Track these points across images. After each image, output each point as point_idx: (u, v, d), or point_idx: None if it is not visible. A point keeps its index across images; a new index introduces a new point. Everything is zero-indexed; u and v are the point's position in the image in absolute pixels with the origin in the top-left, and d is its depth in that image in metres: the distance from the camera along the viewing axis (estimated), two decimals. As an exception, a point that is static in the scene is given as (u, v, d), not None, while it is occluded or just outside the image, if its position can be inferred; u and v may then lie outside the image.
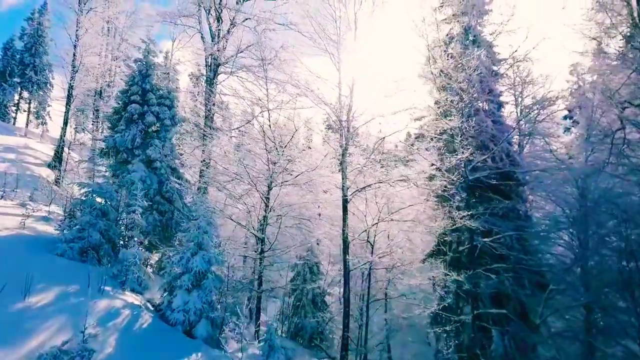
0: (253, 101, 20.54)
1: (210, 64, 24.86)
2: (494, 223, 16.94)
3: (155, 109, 21.01)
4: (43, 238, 16.23)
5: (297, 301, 24.00)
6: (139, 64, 21.78)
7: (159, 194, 20.34)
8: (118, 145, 20.15)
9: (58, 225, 17.60)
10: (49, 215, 20.59)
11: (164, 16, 24.80)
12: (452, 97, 17.66)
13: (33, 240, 15.57)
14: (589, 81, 25.88)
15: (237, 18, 24.71)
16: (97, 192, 16.34)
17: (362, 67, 18.30)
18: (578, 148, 22.93)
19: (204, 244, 14.39)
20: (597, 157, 21.90)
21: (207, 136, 24.36)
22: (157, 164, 20.47)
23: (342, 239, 17.46)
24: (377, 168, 18.45)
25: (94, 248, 15.58)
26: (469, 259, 16.91)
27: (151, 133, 21.29)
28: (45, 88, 52.16)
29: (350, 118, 18.00)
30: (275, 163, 18.48)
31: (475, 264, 16.68)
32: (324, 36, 18.82)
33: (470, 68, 17.87)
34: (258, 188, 18.38)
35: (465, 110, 17.46)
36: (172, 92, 22.15)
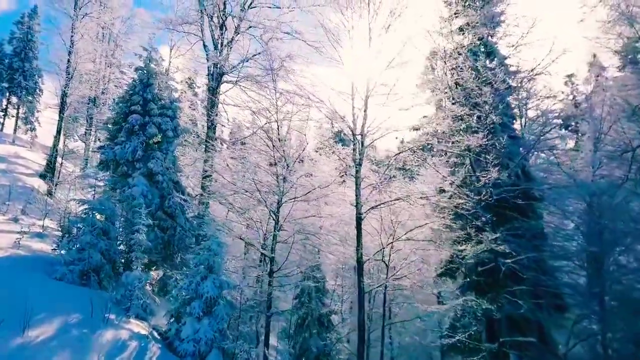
0: (260, 112, 19.63)
1: (213, 72, 23.95)
2: (515, 243, 16.20)
3: (157, 120, 20.05)
4: (39, 258, 15.21)
5: (302, 320, 23.00)
6: (140, 72, 20.83)
7: (161, 210, 19.35)
8: (118, 157, 19.15)
9: (55, 244, 16.57)
10: (43, 231, 19.53)
11: (165, 23, 23.85)
12: (478, 112, 16.94)
13: (29, 261, 14.54)
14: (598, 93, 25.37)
15: (241, 26, 23.85)
16: (97, 209, 15.35)
17: (377, 79, 17.54)
18: (583, 161, 22.45)
19: (214, 267, 13.48)
20: (608, 172, 21.56)
21: (209, 147, 23.46)
22: (159, 178, 19.49)
23: (356, 259, 16.59)
24: (393, 184, 17.62)
25: (94, 270, 14.61)
26: (490, 282, 16.13)
27: (152, 145, 20.32)
28: (34, 93, 50.79)
29: (364, 132, 17.21)
30: (286, 178, 17.59)
31: (497, 286, 15.91)
32: (338, 47, 18.09)
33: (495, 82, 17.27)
34: (268, 205, 17.46)
35: (491, 126, 16.77)
36: (175, 102, 21.21)
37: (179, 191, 20.47)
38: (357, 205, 16.89)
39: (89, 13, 32.17)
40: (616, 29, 20.81)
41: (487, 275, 16.29)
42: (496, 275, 15.87)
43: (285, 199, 17.51)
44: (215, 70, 23.92)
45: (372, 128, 17.38)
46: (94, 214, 15.29)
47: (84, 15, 31.74)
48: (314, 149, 18.55)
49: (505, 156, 18.49)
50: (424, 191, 16.75)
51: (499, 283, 15.82)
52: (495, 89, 18.60)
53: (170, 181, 20.06)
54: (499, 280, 15.68)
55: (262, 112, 19.97)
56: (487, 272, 16.23)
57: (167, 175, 19.94)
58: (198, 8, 24.68)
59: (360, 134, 17.35)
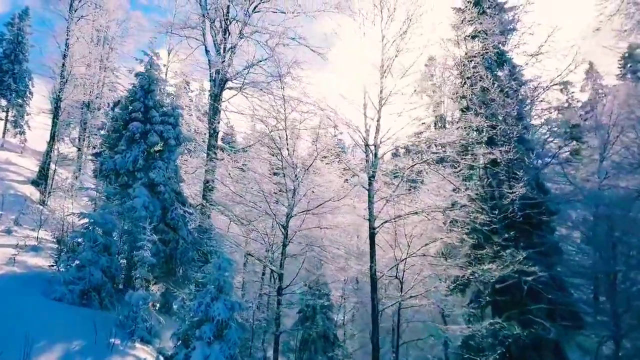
0: (267, 119, 18.92)
1: (215, 78, 23.19)
2: (533, 259, 15.61)
3: (158, 128, 19.23)
4: (36, 276, 14.35)
5: (307, 335, 22.23)
6: (140, 77, 19.99)
7: (163, 222, 18.51)
8: (118, 167, 18.28)
9: (53, 259, 15.72)
10: (38, 244, 18.65)
11: (166, 27, 23.03)
12: (497, 124, 16.39)
13: (25, 280, 13.69)
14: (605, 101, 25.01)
15: (245, 31, 23.14)
16: (98, 223, 14.50)
17: (391, 87, 16.92)
18: (585, 170, 22.03)
19: (225, 287, 12.67)
20: (614, 183, 21.15)
21: (210, 156, 22.68)
22: (161, 188, 18.65)
23: (370, 276, 15.90)
24: (407, 196, 16.98)
25: (95, 288, 13.75)
26: (509, 300, 15.51)
27: (153, 154, 19.51)
28: (24, 96, 49.49)
29: (378, 142, 16.55)
30: (295, 190, 16.88)
31: (517, 305, 15.31)
32: (349, 53, 17.54)
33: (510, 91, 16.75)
34: (277, 219, 16.72)
35: (514, 139, 16.23)
36: (177, 109, 20.40)
37: (181, 202, 19.72)
38: (370, 219, 16.22)
39: (85, 15, 31.24)
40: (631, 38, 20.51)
41: (505, 294, 15.63)
42: (516, 293, 15.25)
43: (295, 211, 16.79)
44: (218, 76, 23.16)
45: (386, 139, 16.77)
46: (95, 229, 14.44)
47: (80, 17, 30.83)
48: (318, 158, 17.73)
49: (519, 168, 18.00)
50: (439, 204, 16.05)
51: (520, 302, 15.19)
52: (510, 99, 18.15)
53: (173, 192, 19.24)
54: (521, 299, 15.05)
55: (268, 120, 19.32)
56: (506, 290, 15.58)
57: (169, 185, 19.12)
58: (200, 12, 23.95)
59: (374, 144, 16.70)
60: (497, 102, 16.64)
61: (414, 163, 16.43)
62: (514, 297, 15.43)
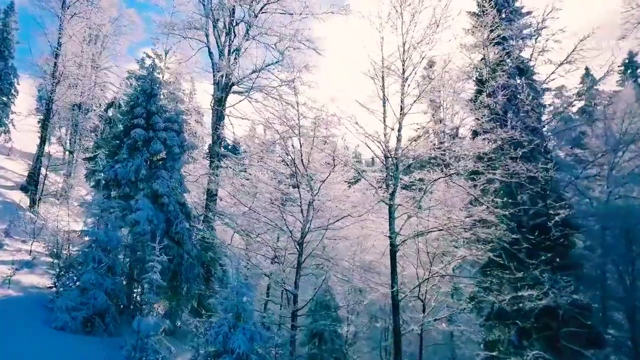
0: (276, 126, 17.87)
1: (219, 82, 22.04)
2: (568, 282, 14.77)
3: (162, 135, 18.05)
4: (33, 299, 13.21)
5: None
6: (142, 81, 18.79)
7: (167, 236, 17.29)
8: (119, 177, 17.06)
9: (50, 278, 14.52)
10: (32, 259, 17.39)
11: (168, 27, 21.76)
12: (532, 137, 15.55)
13: (23, 305, 12.56)
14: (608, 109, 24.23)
15: (251, 33, 22.07)
16: (102, 241, 13.33)
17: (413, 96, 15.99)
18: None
19: (244, 314, 11.61)
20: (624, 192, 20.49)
21: (214, 163, 21.57)
22: (165, 200, 17.48)
23: (392, 297, 14.93)
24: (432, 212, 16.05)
25: (99, 314, 12.58)
26: (541, 325, 14.63)
27: (156, 162, 18.36)
28: (9, 94, 47.70)
29: (399, 155, 15.58)
30: (311, 203, 15.85)
31: (548, 329, 14.46)
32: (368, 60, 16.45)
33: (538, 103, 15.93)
34: (293, 235, 15.68)
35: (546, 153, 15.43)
36: (181, 115, 19.25)
37: (185, 214, 18.58)
38: (391, 235, 15.21)
39: (78, 13, 29.78)
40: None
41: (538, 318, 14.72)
42: (548, 318, 14.39)
43: (310, 225, 15.76)
44: (222, 80, 22.03)
45: (407, 151, 15.83)
46: (98, 247, 13.27)
47: (72, 15, 29.37)
48: (327, 166, 16.74)
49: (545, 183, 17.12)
50: (465, 220, 15.14)
51: (556, 327, 14.31)
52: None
53: (177, 203, 18.07)
54: (557, 324, 14.19)
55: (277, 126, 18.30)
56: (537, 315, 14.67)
57: (174, 196, 17.95)
58: (203, 12, 22.78)
59: (395, 156, 15.73)
60: (524, 113, 15.78)
61: (439, 177, 15.50)
62: (545, 321, 14.53)
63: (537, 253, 15.38)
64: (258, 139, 21.82)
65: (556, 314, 13.94)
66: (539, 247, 15.42)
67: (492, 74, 18.25)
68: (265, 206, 17.77)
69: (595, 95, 52.31)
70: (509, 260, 15.47)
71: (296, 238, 15.73)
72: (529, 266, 15.00)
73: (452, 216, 15.44)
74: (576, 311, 14.06)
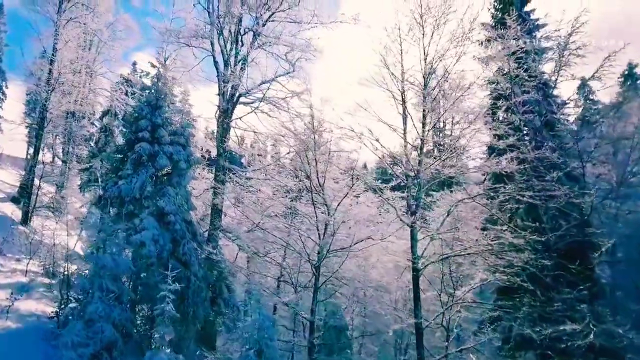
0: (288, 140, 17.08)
1: (224, 92, 21.13)
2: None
3: (168, 149, 17.13)
4: (35, 330, 12.24)
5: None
6: (147, 92, 17.90)
7: (174, 257, 16.34)
8: (124, 194, 16.07)
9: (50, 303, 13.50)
10: (29, 282, 16.32)
11: (176, 36, 20.83)
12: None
13: (23, 338, 11.55)
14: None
15: (259, 41, 21.21)
16: (110, 268, 12.35)
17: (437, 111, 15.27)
18: None
19: (267, 350, 10.72)
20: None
21: (219, 177, 20.65)
22: (171, 218, 16.53)
23: (415, 326, 14.13)
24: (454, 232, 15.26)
25: (107, 348, 11.59)
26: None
27: (161, 178, 17.43)
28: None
29: (421, 174, 14.82)
30: (328, 224, 15.00)
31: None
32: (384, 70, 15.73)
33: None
34: (311, 260, 14.80)
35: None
36: (187, 127, 18.34)
37: (191, 232, 17.63)
38: (413, 259, 14.44)
39: (74, 18, 28.68)
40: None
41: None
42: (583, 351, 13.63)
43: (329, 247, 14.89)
44: (228, 90, 21.13)
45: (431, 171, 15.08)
46: (105, 274, 12.29)
47: (68, 20, 28.25)
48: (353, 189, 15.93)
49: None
50: (491, 243, 14.38)
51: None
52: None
53: (183, 221, 17.12)
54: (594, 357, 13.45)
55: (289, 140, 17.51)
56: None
57: (180, 214, 17.01)
58: (208, 20, 21.90)
59: (417, 176, 14.97)
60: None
61: (462, 198, 14.77)
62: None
63: (565, 278, 14.69)
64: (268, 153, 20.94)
65: (593, 347, 13.17)
66: (566, 272, 14.74)
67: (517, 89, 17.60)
68: (276, 225, 16.94)
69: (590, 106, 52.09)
70: (537, 287, 14.78)
71: (313, 261, 14.84)
72: (557, 292, 14.29)
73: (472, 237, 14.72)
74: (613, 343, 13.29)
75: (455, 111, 15.29)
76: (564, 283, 14.51)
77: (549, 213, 16.05)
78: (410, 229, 14.68)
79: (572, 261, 15.32)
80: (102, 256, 12.63)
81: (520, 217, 17.79)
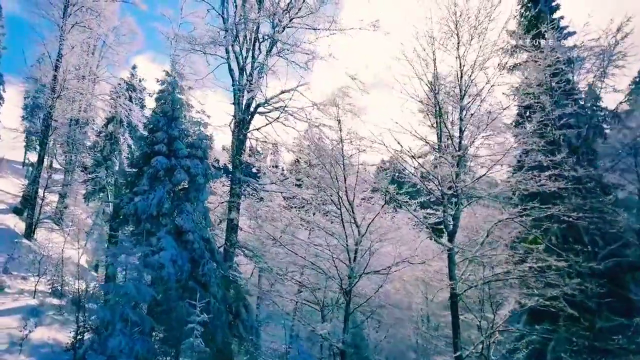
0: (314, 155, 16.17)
1: (240, 102, 20.24)
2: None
3: (185, 163, 16.22)
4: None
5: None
6: (162, 103, 16.96)
7: (192, 278, 15.40)
8: (140, 212, 15.11)
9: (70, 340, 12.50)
10: (39, 306, 15.29)
11: (191, 43, 19.90)
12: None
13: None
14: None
15: (277, 48, 20.36)
16: (132, 297, 11.39)
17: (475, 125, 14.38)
18: None
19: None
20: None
21: (235, 190, 19.72)
22: (189, 237, 15.60)
23: (455, 356, 13.22)
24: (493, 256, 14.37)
25: (129, 385, 10.63)
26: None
27: (178, 193, 16.48)
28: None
29: (459, 191, 13.92)
30: (358, 245, 14.08)
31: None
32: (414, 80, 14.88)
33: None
34: (343, 283, 13.83)
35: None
36: (205, 140, 17.40)
37: (209, 250, 16.67)
38: (453, 284, 13.52)
39: (79, 22, 27.68)
40: None
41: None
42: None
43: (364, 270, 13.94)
44: (244, 99, 20.22)
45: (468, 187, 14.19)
46: (127, 303, 11.34)
47: (73, 24, 27.24)
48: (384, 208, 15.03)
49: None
50: (534, 266, 13.49)
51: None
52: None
53: (202, 240, 16.18)
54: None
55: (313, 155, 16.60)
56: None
57: (198, 232, 16.06)
58: (222, 26, 21.00)
59: (454, 194, 14.07)
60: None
61: (504, 217, 13.89)
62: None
63: (612, 303, 13.88)
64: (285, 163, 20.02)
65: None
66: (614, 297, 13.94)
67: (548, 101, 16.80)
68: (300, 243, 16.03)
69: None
70: (580, 312, 13.95)
71: (345, 285, 13.89)
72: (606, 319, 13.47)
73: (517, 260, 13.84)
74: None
75: (492, 127, 14.36)
76: (614, 309, 13.67)
77: (590, 233, 15.24)
78: (447, 251, 13.79)
79: (618, 285, 14.56)
80: (125, 285, 11.64)
81: (555, 235, 17.02)
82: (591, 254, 14.70)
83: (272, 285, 20.18)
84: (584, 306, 14.41)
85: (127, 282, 11.75)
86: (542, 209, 13.04)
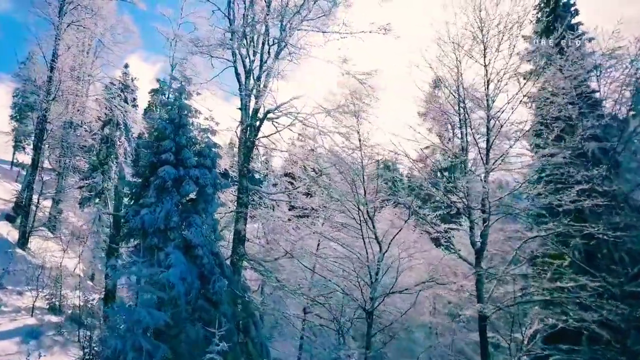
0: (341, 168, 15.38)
1: (247, 107, 19.35)
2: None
3: (194, 173, 15.31)
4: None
5: None
6: (169, 109, 16.05)
7: (203, 296, 14.52)
8: (147, 225, 14.20)
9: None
10: (37, 325, 14.33)
11: (199, 46, 18.97)
12: None
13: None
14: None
15: (286, 51, 19.51)
16: (144, 323, 10.50)
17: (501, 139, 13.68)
18: None
19: None
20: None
21: (242, 200, 18.85)
22: (199, 251, 14.69)
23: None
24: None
25: (143, 422, 9.75)
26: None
27: (186, 204, 15.59)
28: (-15, 102, 43.99)
29: (487, 207, 13.19)
30: (380, 261, 13.32)
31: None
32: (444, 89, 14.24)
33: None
34: (366, 305, 13.04)
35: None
36: (214, 148, 16.52)
37: (218, 265, 15.78)
38: (481, 306, 12.80)
39: (75, 21, 26.57)
40: None
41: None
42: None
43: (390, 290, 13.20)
44: (252, 105, 19.34)
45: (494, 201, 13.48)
46: (139, 330, 10.45)
47: (69, 23, 26.14)
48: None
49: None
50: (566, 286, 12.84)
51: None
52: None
53: (211, 254, 15.29)
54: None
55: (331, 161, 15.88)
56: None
57: (207, 246, 15.17)
58: (228, 28, 20.09)
59: (482, 209, 13.37)
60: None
61: (533, 236, 13.21)
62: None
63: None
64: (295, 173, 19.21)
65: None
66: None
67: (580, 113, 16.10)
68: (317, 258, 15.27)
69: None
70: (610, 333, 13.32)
71: (367, 307, 13.09)
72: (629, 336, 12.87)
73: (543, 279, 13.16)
74: None
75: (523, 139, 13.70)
76: None
77: (619, 250, 14.61)
78: (476, 274, 13.07)
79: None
80: (136, 309, 10.75)
81: (578, 250, 16.38)
82: (621, 273, 14.04)
83: (281, 298, 19.43)
84: (611, 326, 13.76)
85: (138, 307, 10.82)
86: (578, 226, 12.34)
